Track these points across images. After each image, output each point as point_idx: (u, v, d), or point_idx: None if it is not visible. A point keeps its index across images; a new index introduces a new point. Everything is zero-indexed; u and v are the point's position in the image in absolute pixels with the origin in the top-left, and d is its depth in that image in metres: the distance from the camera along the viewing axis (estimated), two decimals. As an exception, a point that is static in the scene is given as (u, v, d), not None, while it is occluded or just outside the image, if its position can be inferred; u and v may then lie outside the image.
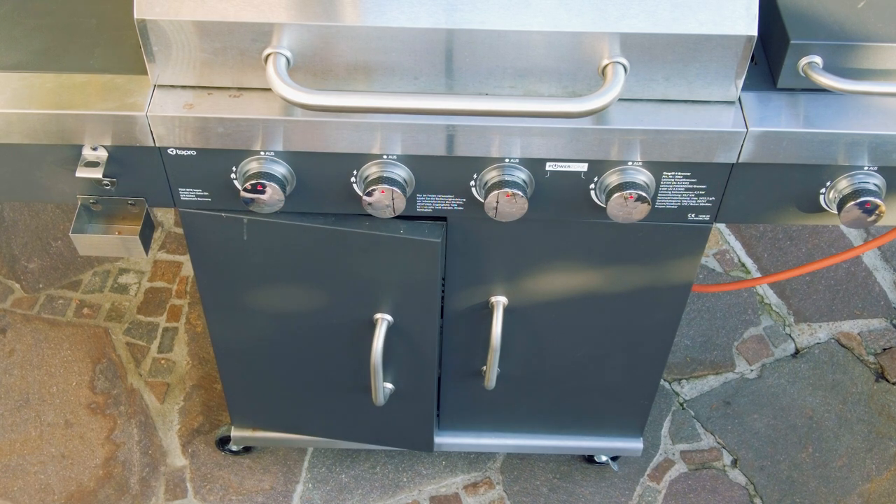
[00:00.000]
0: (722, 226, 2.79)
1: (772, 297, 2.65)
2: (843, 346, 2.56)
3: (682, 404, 2.45)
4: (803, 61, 1.32)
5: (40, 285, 2.64)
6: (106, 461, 2.34)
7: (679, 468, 2.35)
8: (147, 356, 2.52)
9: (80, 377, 2.47)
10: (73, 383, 2.46)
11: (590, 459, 2.33)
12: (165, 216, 2.84)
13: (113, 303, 2.61)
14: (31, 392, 2.43)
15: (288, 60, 1.30)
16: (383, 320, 1.72)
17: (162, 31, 1.29)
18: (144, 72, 1.37)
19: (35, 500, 2.27)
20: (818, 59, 1.32)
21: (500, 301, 1.71)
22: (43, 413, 2.40)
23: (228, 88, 1.36)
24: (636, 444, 2.16)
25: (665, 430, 2.41)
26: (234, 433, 2.15)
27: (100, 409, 2.42)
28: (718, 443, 2.39)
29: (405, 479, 2.32)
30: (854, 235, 2.77)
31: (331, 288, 1.70)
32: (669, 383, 2.48)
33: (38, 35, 1.44)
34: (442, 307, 1.75)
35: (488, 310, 1.73)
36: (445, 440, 2.15)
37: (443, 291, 1.71)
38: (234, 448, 2.32)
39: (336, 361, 1.87)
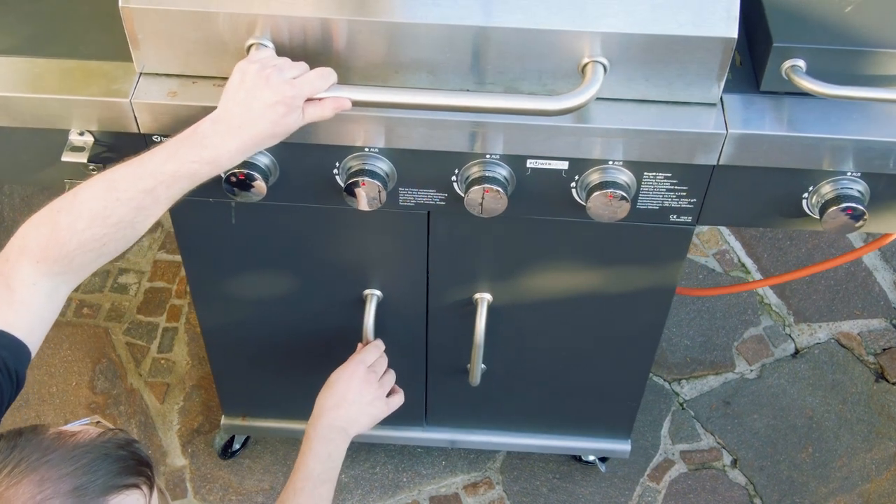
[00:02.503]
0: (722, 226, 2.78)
1: (772, 298, 2.63)
2: (842, 346, 2.55)
3: (681, 404, 2.45)
4: (786, 64, 1.31)
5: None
6: None
7: (679, 468, 2.35)
8: (147, 356, 2.53)
9: (79, 377, 2.47)
10: (72, 383, 2.47)
11: (578, 458, 2.32)
12: (165, 216, 2.84)
13: (113, 303, 2.62)
14: (30, 392, 2.44)
15: (270, 51, 1.30)
16: (373, 296, 1.74)
17: (146, 19, 1.31)
18: (132, 59, 1.38)
19: (35, 499, 2.29)
20: (801, 63, 1.31)
21: (484, 298, 1.71)
22: (43, 413, 2.41)
23: (213, 77, 1.37)
24: (624, 446, 2.15)
25: (665, 430, 2.40)
26: (224, 421, 2.16)
27: (100, 409, 2.43)
28: (718, 443, 2.38)
29: (405, 479, 2.33)
30: (854, 236, 2.75)
31: (320, 267, 1.71)
32: (669, 383, 2.48)
33: (31, 20, 1.46)
34: (427, 303, 1.75)
35: (473, 306, 1.73)
36: (433, 435, 2.15)
37: (427, 287, 1.72)
38: (236, 447, 2.33)
39: (326, 341, 1.88)
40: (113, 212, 1.19)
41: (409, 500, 2.30)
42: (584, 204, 1.42)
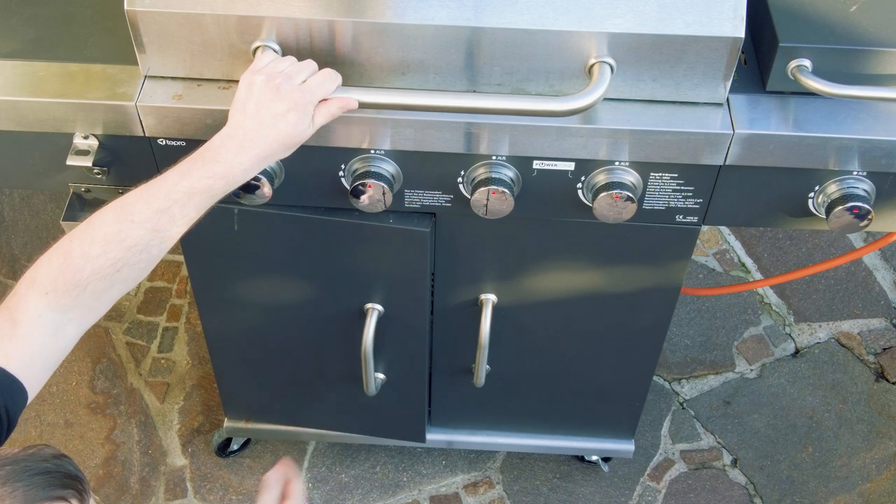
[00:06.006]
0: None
1: (772, 297, 2.64)
2: (843, 345, 2.55)
3: (682, 404, 2.45)
4: (792, 64, 1.32)
5: (40, 285, 2.64)
6: (106, 461, 2.35)
7: (679, 468, 2.35)
8: (147, 356, 2.52)
9: (79, 377, 2.47)
10: (72, 383, 2.46)
11: (581, 458, 2.33)
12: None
13: (112, 302, 2.62)
14: (31, 392, 2.44)
15: (276, 53, 1.30)
16: (373, 310, 1.73)
17: (152, 22, 1.30)
18: (136, 62, 1.37)
19: (35, 499, 2.29)
20: (807, 63, 1.31)
21: (489, 299, 1.71)
22: (43, 413, 2.41)
23: (218, 80, 1.37)
24: (627, 446, 2.16)
25: (665, 430, 2.40)
26: (227, 424, 2.16)
27: (100, 409, 2.43)
28: (718, 442, 2.38)
29: (405, 479, 2.32)
30: (854, 235, 2.76)
31: (321, 278, 1.71)
32: (669, 383, 2.48)
33: (34, 24, 1.46)
34: (431, 304, 1.75)
35: (477, 307, 1.73)
36: (436, 437, 2.15)
37: (432, 289, 1.72)
38: (234, 447, 2.33)
39: (327, 351, 1.88)
40: (128, 234, 1.16)
41: (409, 499, 2.30)
42: (590, 205, 1.42)
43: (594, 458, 2.30)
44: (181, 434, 2.39)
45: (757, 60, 1.39)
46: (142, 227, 1.16)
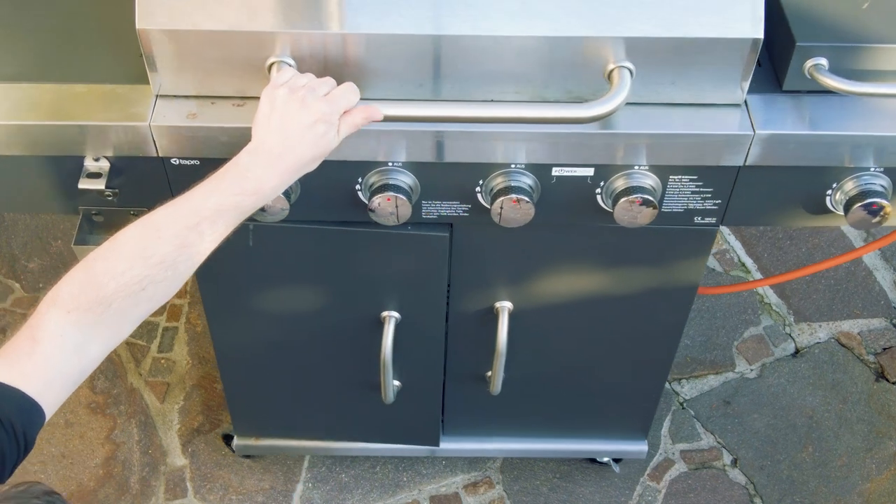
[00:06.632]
0: (721, 226, 2.79)
1: (772, 297, 2.65)
2: (843, 345, 2.56)
3: (682, 404, 2.45)
4: (809, 63, 1.32)
5: (40, 285, 2.62)
6: (106, 461, 2.33)
7: (679, 468, 2.35)
8: (147, 356, 2.52)
9: (79, 376, 2.46)
10: (73, 382, 2.45)
11: (591, 459, 2.33)
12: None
13: (112, 302, 2.60)
14: (31, 392, 2.42)
15: (293, 69, 1.29)
16: (391, 318, 1.72)
17: (164, 41, 1.28)
18: (145, 81, 1.35)
19: (35, 500, 2.27)
20: (824, 61, 1.32)
21: (504, 306, 1.70)
22: (43, 412, 2.40)
23: (231, 97, 1.36)
24: (640, 447, 2.16)
25: (665, 430, 2.41)
26: (237, 442, 2.15)
27: (100, 409, 2.41)
28: (718, 442, 2.38)
29: (405, 479, 2.32)
30: (854, 235, 2.77)
31: (337, 289, 1.70)
32: (669, 383, 2.48)
33: (38, 45, 1.43)
34: (447, 313, 1.74)
35: (493, 315, 1.72)
36: (450, 445, 2.15)
37: (447, 297, 1.71)
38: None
39: (342, 362, 1.87)
40: (155, 251, 1.13)
41: (409, 499, 2.30)
42: (609, 210, 1.42)
43: (605, 459, 2.30)
44: (181, 434, 2.38)
45: (770, 60, 1.40)
46: (169, 244, 1.13)
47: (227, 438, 2.34)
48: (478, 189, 1.43)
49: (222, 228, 1.17)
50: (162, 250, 1.13)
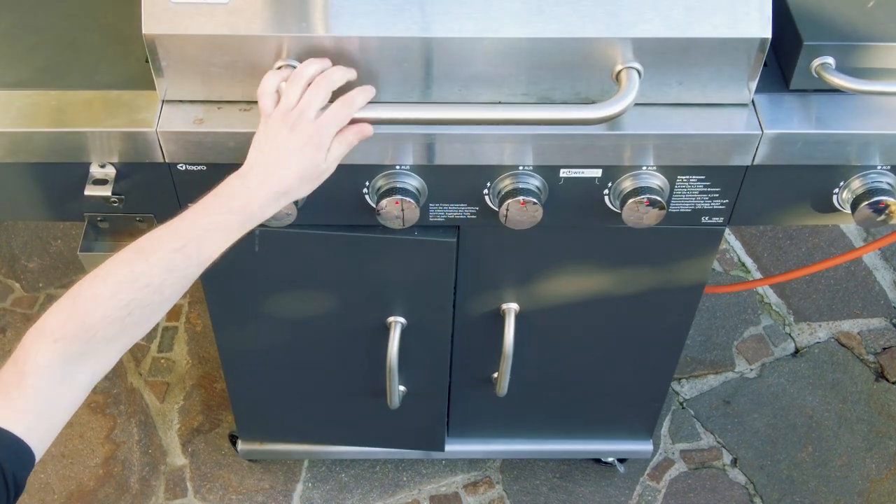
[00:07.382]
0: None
1: (771, 297, 2.65)
2: (842, 345, 2.57)
3: (681, 404, 2.45)
4: (816, 62, 1.32)
5: (40, 285, 2.61)
6: (106, 460, 2.33)
7: (679, 467, 2.35)
8: (147, 355, 2.52)
9: (79, 376, 2.46)
10: (72, 382, 2.45)
11: (595, 459, 2.33)
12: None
13: (113, 302, 2.60)
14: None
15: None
16: (397, 323, 1.72)
17: (171, 46, 1.28)
18: (151, 87, 1.35)
19: (35, 499, 2.26)
20: (831, 60, 1.32)
21: (511, 308, 1.70)
22: (43, 412, 2.39)
23: (238, 102, 1.35)
24: (645, 447, 2.16)
25: (665, 430, 2.41)
26: (243, 447, 2.15)
27: (99, 409, 2.41)
28: (718, 442, 2.39)
29: (405, 479, 2.32)
30: (854, 235, 2.78)
31: (344, 294, 1.70)
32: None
33: (40, 51, 1.43)
34: (453, 315, 1.74)
35: (500, 317, 1.72)
36: (455, 447, 2.15)
37: (454, 299, 1.71)
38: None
39: (348, 367, 1.87)
40: (140, 275, 1.12)
41: (409, 499, 2.30)
42: (617, 211, 1.42)
43: (609, 459, 2.30)
44: (181, 434, 2.38)
45: (777, 60, 1.40)
46: (156, 267, 1.13)
47: (234, 438, 2.33)
48: (485, 191, 1.42)
49: (210, 250, 1.17)
50: (148, 273, 1.12)
